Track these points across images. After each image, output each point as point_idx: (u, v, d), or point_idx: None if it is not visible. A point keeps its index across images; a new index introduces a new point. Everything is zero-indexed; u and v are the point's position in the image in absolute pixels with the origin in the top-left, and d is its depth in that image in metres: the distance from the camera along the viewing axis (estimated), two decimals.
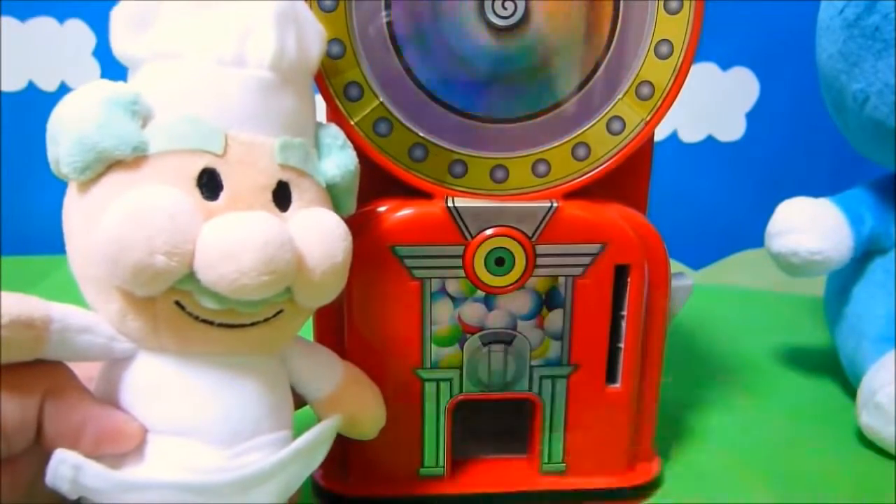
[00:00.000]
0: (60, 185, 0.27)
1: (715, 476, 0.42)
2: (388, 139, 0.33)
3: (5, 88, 0.74)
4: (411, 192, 0.34)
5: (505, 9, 0.31)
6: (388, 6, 0.31)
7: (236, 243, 0.24)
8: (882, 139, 0.48)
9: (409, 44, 0.32)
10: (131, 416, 0.26)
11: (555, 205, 0.33)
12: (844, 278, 0.53)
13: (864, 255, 0.51)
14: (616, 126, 0.33)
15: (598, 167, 0.34)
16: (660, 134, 0.47)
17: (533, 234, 0.33)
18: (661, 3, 0.32)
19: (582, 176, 0.34)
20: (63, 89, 0.73)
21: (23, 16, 0.72)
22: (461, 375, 0.35)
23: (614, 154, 0.34)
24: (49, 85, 0.74)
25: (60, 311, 0.25)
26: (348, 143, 0.31)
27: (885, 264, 0.50)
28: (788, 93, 0.76)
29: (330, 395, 0.31)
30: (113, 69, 0.27)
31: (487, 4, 0.31)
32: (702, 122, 0.78)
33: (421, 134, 0.33)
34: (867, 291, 0.51)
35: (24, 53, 0.73)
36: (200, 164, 0.26)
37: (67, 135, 0.25)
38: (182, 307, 0.25)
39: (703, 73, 0.75)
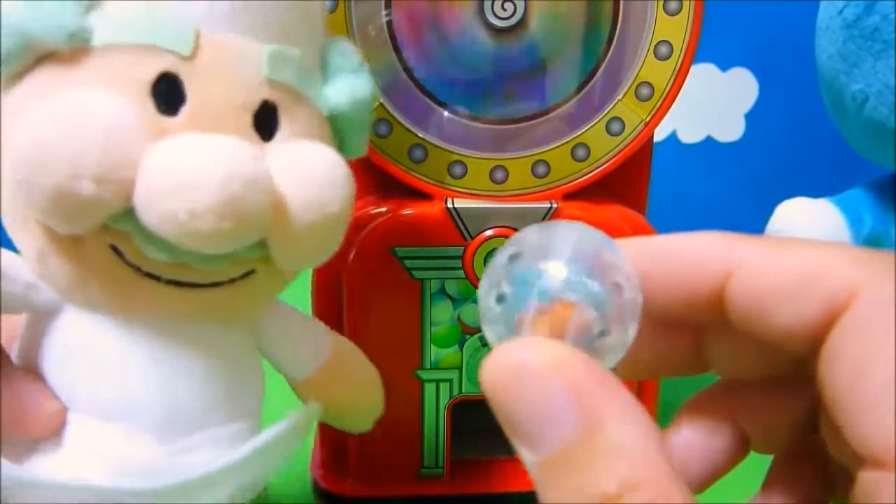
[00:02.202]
0: None
1: None
2: (388, 140, 0.33)
3: None
4: (411, 193, 0.34)
5: (504, 10, 0.31)
6: (388, 6, 0.31)
7: (188, 173, 0.18)
8: (881, 140, 0.48)
9: (409, 44, 0.32)
10: (47, 393, 0.21)
11: (554, 206, 0.33)
12: None
13: None
14: (615, 127, 0.33)
15: (597, 168, 0.34)
16: (659, 135, 0.47)
17: None
18: (661, 3, 0.32)
19: (581, 177, 0.34)
20: None
21: None
22: (461, 376, 0.36)
23: (614, 155, 0.34)
24: None
25: None
26: (364, 66, 0.25)
27: None
28: (787, 94, 0.76)
29: (312, 377, 0.26)
30: None
31: (487, 5, 0.31)
32: (701, 123, 0.78)
33: (420, 134, 0.33)
34: None
35: None
36: (158, 66, 0.20)
37: None
38: (119, 254, 0.20)
39: (703, 74, 0.75)
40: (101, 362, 0.21)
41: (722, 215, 0.80)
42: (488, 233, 0.33)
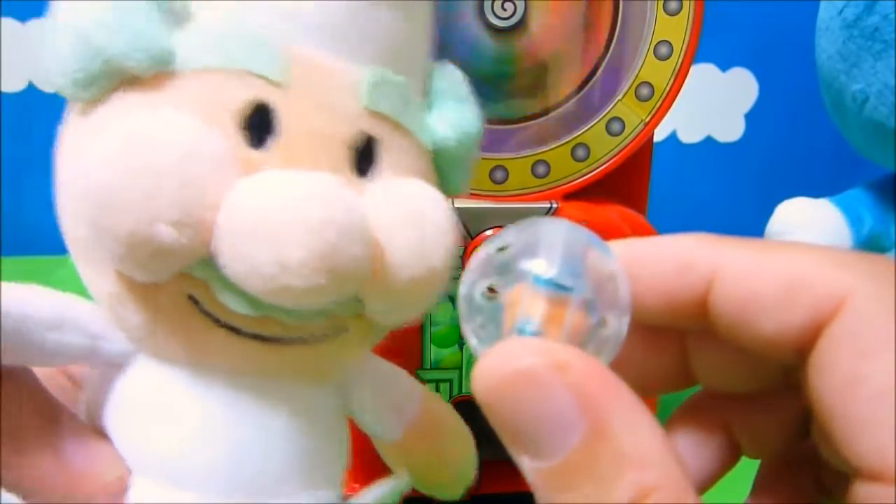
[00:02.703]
0: None
1: None
2: None
3: (5, 89, 0.74)
4: None
5: (504, 10, 0.31)
6: None
7: (277, 218, 0.15)
8: (881, 140, 0.48)
9: None
10: (111, 455, 0.18)
11: (554, 206, 0.33)
12: None
13: None
14: (615, 127, 0.33)
15: (597, 168, 0.34)
16: (659, 135, 0.47)
17: None
18: (661, 3, 0.32)
19: (581, 177, 0.34)
20: None
21: (23, 16, 0.72)
22: (461, 376, 0.35)
23: (614, 155, 0.34)
24: (49, 85, 0.74)
25: (16, 302, 0.17)
26: (472, 95, 0.22)
27: None
28: (787, 93, 0.76)
29: (402, 435, 0.23)
30: None
31: (487, 5, 0.31)
32: (701, 123, 0.78)
33: None
34: None
35: (24, 54, 0.73)
36: (248, 92, 0.17)
37: (64, 31, 0.17)
38: (196, 303, 0.17)
39: (702, 74, 0.75)
40: (169, 419, 0.19)
41: (722, 215, 0.80)
42: (488, 233, 0.33)
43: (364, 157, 0.19)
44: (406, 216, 0.18)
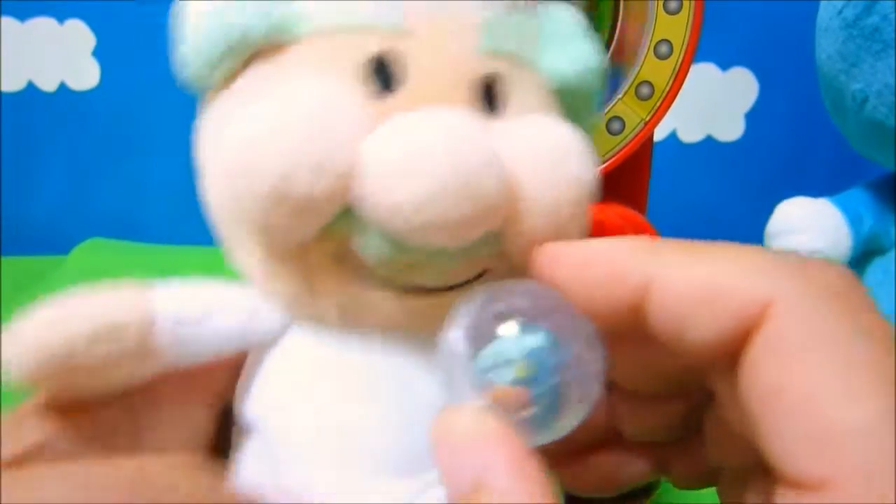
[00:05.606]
0: (60, 185, 0.26)
1: None
2: None
3: (5, 88, 0.74)
4: None
5: None
6: None
7: (415, 155, 0.16)
8: (881, 140, 0.48)
9: None
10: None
11: None
12: None
13: (863, 255, 0.52)
14: (615, 126, 0.33)
15: (597, 167, 0.34)
16: (659, 134, 0.47)
17: None
18: (661, 3, 0.32)
19: None
20: (63, 89, 0.73)
21: (23, 16, 0.72)
22: None
23: (613, 154, 0.34)
24: (49, 85, 0.74)
25: (167, 302, 0.17)
26: (586, 30, 0.21)
27: (884, 264, 0.50)
28: (788, 93, 0.76)
29: None
30: (113, 70, 0.26)
31: None
32: (701, 123, 0.78)
33: None
34: None
35: (23, 53, 0.73)
36: (372, 43, 0.18)
37: (187, 19, 0.18)
38: (341, 261, 0.18)
39: (703, 74, 0.75)
40: (328, 389, 0.18)
41: (722, 215, 0.80)
42: None
43: (492, 98, 0.19)
44: (539, 148, 0.18)
